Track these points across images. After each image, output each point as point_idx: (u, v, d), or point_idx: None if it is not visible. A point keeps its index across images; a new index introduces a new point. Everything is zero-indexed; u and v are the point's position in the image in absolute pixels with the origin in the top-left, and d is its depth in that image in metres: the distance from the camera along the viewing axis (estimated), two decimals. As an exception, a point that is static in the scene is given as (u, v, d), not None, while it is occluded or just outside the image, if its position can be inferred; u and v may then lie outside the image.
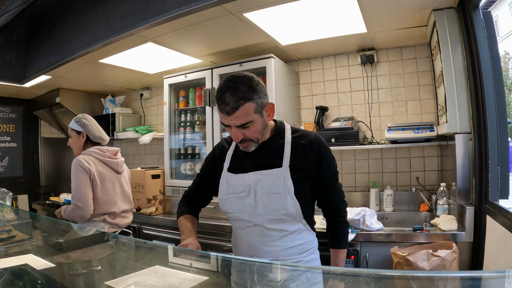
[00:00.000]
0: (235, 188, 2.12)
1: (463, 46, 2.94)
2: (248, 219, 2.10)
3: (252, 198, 2.07)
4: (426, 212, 3.65)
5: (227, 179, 2.16)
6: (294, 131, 2.19)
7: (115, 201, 3.28)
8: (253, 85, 1.91)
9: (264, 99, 1.97)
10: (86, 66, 4.44)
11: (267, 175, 2.05)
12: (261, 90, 1.94)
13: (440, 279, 1.06)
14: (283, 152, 2.08)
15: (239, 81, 1.90)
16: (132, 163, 6.24)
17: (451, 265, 2.62)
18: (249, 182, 2.07)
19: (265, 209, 2.04)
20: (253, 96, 1.89)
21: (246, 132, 1.97)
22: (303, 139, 2.12)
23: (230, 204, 2.14)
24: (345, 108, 4.25)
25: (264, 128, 2.03)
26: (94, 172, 3.11)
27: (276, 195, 2.02)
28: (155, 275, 1.48)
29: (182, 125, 4.70)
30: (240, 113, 1.88)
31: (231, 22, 3.24)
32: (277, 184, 2.02)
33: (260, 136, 2.04)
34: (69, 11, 3.84)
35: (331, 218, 2.27)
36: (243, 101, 1.86)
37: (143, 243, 1.76)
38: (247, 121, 1.91)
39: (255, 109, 1.91)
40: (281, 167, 2.04)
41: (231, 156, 2.22)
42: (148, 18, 3.01)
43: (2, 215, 2.93)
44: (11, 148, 6.38)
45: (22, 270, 1.59)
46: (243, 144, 2.04)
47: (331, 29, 3.50)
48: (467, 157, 2.95)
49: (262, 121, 1.99)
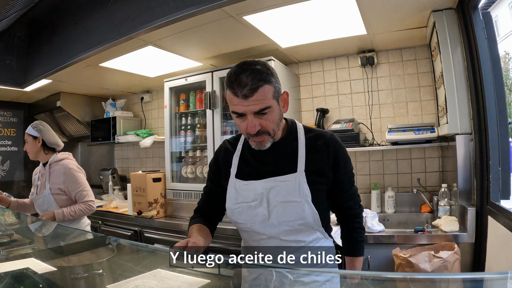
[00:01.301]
0: (245, 196, 1.91)
1: (463, 47, 2.94)
2: (261, 231, 1.90)
3: (264, 207, 1.87)
4: (427, 213, 3.64)
5: (235, 187, 1.95)
6: (307, 130, 1.98)
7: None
8: (270, 68, 1.73)
9: (280, 86, 1.78)
10: (87, 70, 4.44)
11: (281, 181, 1.86)
12: (276, 76, 1.76)
13: (442, 281, 1.05)
14: (297, 154, 1.88)
15: (255, 63, 1.71)
16: (133, 167, 6.25)
17: (453, 266, 2.62)
18: (261, 191, 1.87)
19: (280, 220, 1.85)
20: (271, 79, 1.70)
21: (263, 122, 1.74)
22: (319, 140, 1.92)
23: (240, 214, 1.93)
24: (346, 110, 4.25)
25: (280, 119, 1.82)
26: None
27: (291, 204, 1.83)
28: (155, 279, 1.48)
29: (183, 128, 4.70)
30: (260, 95, 1.67)
31: (231, 25, 3.24)
32: (292, 192, 1.83)
33: (277, 128, 1.82)
34: (69, 15, 3.85)
35: (347, 224, 2.08)
36: (262, 82, 1.66)
37: (144, 247, 1.75)
38: (266, 106, 1.69)
39: (273, 94, 1.71)
40: (296, 172, 1.85)
41: (238, 160, 1.99)
42: (148, 21, 3.01)
43: (3, 219, 2.93)
44: (12, 152, 6.39)
45: (24, 274, 1.59)
46: (259, 138, 1.79)
47: (331, 31, 3.50)
48: (468, 158, 2.95)
49: (279, 110, 1.79)
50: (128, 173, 6.12)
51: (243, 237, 2.05)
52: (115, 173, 5.98)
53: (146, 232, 4.37)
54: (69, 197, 3.35)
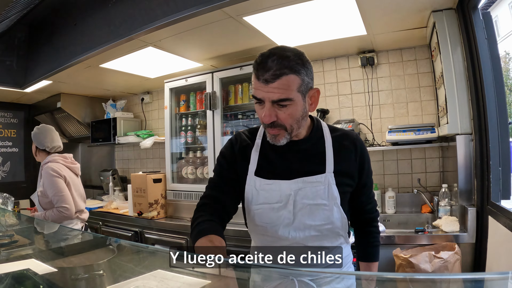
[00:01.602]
0: (267, 197, 1.74)
1: (463, 47, 2.94)
2: (285, 235, 1.73)
3: (289, 210, 1.70)
4: (428, 213, 3.64)
5: (255, 186, 1.76)
6: (332, 129, 1.84)
7: (80, 200, 3.67)
8: (304, 59, 1.56)
9: (311, 81, 1.61)
10: (87, 71, 4.45)
11: (310, 182, 1.70)
12: (310, 69, 1.59)
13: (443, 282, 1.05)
14: (324, 154, 1.74)
15: (288, 49, 1.56)
16: (133, 168, 6.25)
17: (453, 266, 2.62)
18: (289, 192, 1.70)
19: (305, 223, 1.71)
20: (300, 70, 1.54)
21: (281, 114, 1.58)
22: (345, 140, 1.79)
23: (262, 216, 1.75)
24: (346, 111, 4.25)
25: (302, 117, 1.64)
26: (67, 177, 3.50)
27: (319, 207, 1.70)
28: (156, 280, 1.48)
29: (183, 129, 4.71)
30: (281, 83, 1.51)
31: (231, 26, 3.24)
32: (321, 194, 1.70)
33: (296, 126, 1.64)
34: (69, 16, 3.85)
35: (364, 229, 1.98)
36: (288, 70, 1.51)
37: (145, 248, 1.75)
38: (287, 97, 1.53)
39: (299, 87, 1.55)
40: (325, 173, 1.71)
41: (257, 156, 1.80)
42: (148, 22, 3.02)
43: (4, 220, 2.94)
44: (12, 153, 6.39)
45: (24, 275, 1.59)
46: (273, 131, 1.63)
47: (331, 31, 3.50)
48: (468, 158, 2.95)
49: (303, 106, 1.61)
50: (128, 174, 6.13)
51: (258, 240, 1.86)
52: (116, 174, 5.98)
53: (146, 233, 4.37)
54: (50, 200, 3.41)
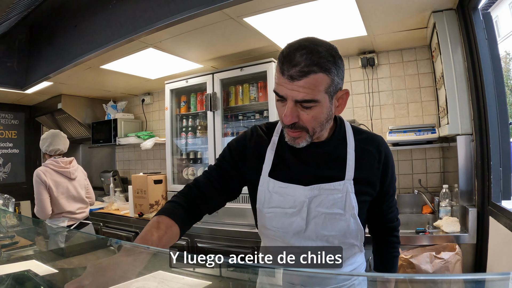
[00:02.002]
0: (280, 201, 1.61)
1: (463, 48, 2.94)
2: (295, 243, 1.61)
3: (303, 217, 1.57)
4: (428, 214, 3.64)
5: (268, 187, 1.63)
6: (356, 131, 1.67)
7: (71, 202, 3.98)
8: (336, 56, 1.40)
9: (341, 81, 1.45)
10: (88, 72, 4.45)
11: (327, 190, 1.56)
12: (341, 67, 1.43)
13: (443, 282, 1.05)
14: (345, 159, 1.59)
15: (320, 44, 1.38)
16: (134, 169, 6.25)
17: (454, 267, 2.61)
18: (303, 198, 1.56)
19: (318, 233, 1.58)
20: (331, 69, 1.37)
21: (304, 116, 1.42)
22: (369, 144, 1.63)
23: (272, 220, 1.64)
24: (347, 111, 4.24)
25: (327, 120, 1.48)
26: (49, 182, 3.82)
27: (334, 216, 1.56)
28: (156, 281, 1.48)
29: (184, 130, 4.71)
30: (308, 82, 1.34)
31: (231, 27, 3.24)
32: (337, 203, 1.56)
33: (319, 129, 1.49)
34: (70, 17, 3.85)
35: (383, 238, 1.84)
36: (318, 68, 1.34)
37: (145, 249, 1.75)
38: (312, 98, 1.37)
39: (327, 88, 1.39)
40: (344, 180, 1.56)
41: (273, 155, 1.65)
42: (148, 24, 3.02)
43: (4, 221, 2.94)
44: (13, 154, 6.40)
45: (25, 276, 1.59)
46: (293, 133, 1.48)
47: (331, 32, 3.50)
48: (469, 159, 2.95)
49: (329, 108, 1.45)
50: (129, 175, 6.13)
51: (267, 245, 1.76)
52: (116, 175, 5.98)
53: (147, 234, 4.37)
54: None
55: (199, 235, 3.87)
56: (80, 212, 4.06)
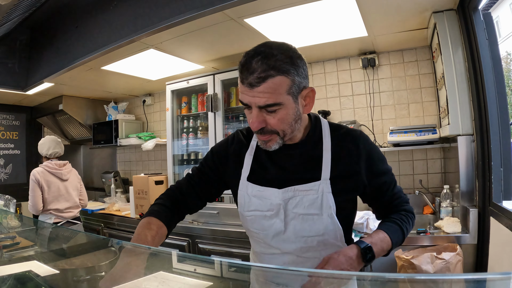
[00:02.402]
0: (259, 204, 1.63)
1: (464, 48, 2.94)
2: (275, 245, 1.63)
3: (281, 219, 1.58)
4: (429, 214, 3.64)
5: (247, 191, 1.65)
6: (333, 128, 1.65)
7: (59, 200, 4.42)
8: (293, 56, 1.40)
9: (304, 80, 1.44)
10: (89, 73, 4.46)
11: (302, 191, 1.56)
12: (302, 67, 1.42)
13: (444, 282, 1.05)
14: (321, 159, 1.58)
15: (276, 47, 1.39)
16: (135, 170, 6.26)
17: (455, 267, 2.61)
18: (279, 201, 1.58)
19: (297, 234, 1.58)
20: (289, 70, 1.37)
21: (271, 120, 1.43)
22: (347, 141, 1.61)
23: (253, 222, 1.66)
24: (347, 112, 4.25)
25: (296, 120, 1.48)
26: (42, 181, 4.33)
27: (312, 217, 1.55)
28: (157, 281, 1.48)
29: (185, 131, 4.71)
30: (267, 87, 1.35)
31: (232, 28, 3.25)
32: (313, 203, 1.55)
33: (289, 130, 1.49)
34: (71, 18, 3.86)
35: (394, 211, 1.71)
36: (275, 71, 1.34)
37: (146, 249, 1.75)
38: (275, 102, 1.38)
39: (289, 89, 1.39)
40: (319, 181, 1.55)
41: (251, 160, 1.68)
42: (149, 25, 3.02)
43: (6, 222, 2.94)
44: (14, 155, 6.41)
45: (26, 277, 1.59)
46: (263, 137, 1.50)
47: (332, 33, 3.50)
48: (470, 159, 2.95)
49: (295, 109, 1.45)
50: (130, 176, 6.14)
51: (253, 246, 1.79)
52: (117, 176, 5.99)
53: (148, 234, 4.36)
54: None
55: (200, 236, 3.87)
56: (68, 211, 4.49)
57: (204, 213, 4.00)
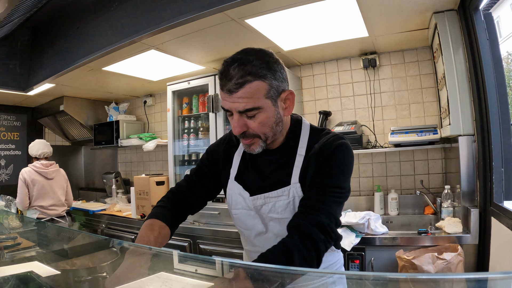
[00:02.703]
0: (243, 204, 1.68)
1: (464, 48, 2.94)
2: (257, 243, 1.69)
3: (260, 221, 1.65)
4: (431, 215, 3.64)
5: (234, 190, 1.71)
6: (313, 132, 1.66)
7: (44, 197, 4.79)
8: (270, 61, 1.44)
9: (282, 83, 1.48)
10: (90, 74, 4.47)
11: (272, 197, 1.59)
12: (279, 71, 1.47)
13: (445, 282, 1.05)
14: (293, 164, 1.58)
15: (252, 53, 1.44)
16: (136, 170, 6.27)
17: (456, 268, 2.61)
18: (252, 207, 1.65)
19: (277, 235, 1.58)
20: (266, 74, 1.42)
21: (251, 124, 1.48)
22: (318, 143, 1.58)
23: (238, 220, 1.74)
24: (348, 113, 4.25)
25: (277, 123, 1.52)
26: (28, 179, 4.73)
27: (288, 220, 1.48)
28: (159, 281, 1.48)
29: (186, 132, 4.71)
30: (245, 92, 1.40)
31: (233, 28, 3.25)
32: (286, 209, 1.57)
33: (270, 133, 1.52)
34: (72, 19, 3.87)
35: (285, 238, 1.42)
36: (252, 77, 1.39)
37: (148, 249, 1.75)
38: (254, 106, 1.42)
39: (267, 93, 1.43)
40: (289, 185, 1.56)
41: (239, 161, 1.74)
42: (150, 25, 3.03)
43: (7, 222, 2.94)
44: (15, 156, 6.40)
45: (27, 277, 1.59)
46: (246, 141, 1.54)
47: (332, 33, 3.50)
48: (471, 159, 2.95)
49: (275, 112, 1.49)
50: (131, 176, 6.14)
51: (243, 242, 1.86)
52: (119, 177, 5.99)
53: (149, 235, 4.36)
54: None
55: (202, 237, 3.87)
56: (52, 209, 4.84)
57: (205, 213, 4.00)
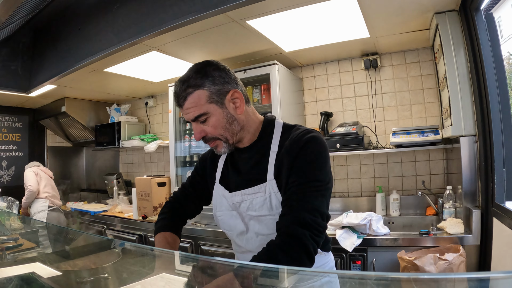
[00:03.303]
0: (226, 205, 1.77)
1: (466, 49, 2.94)
2: (240, 243, 1.76)
3: (240, 220, 1.72)
4: (432, 215, 3.63)
5: (219, 193, 1.81)
6: (286, 129, 1.71)
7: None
8: (207, 70, 1.58)
9: (224, 86, 1.59)
10: (91, 75, 4.47)
11: (249, 194, 1.66)
12: (218, 76, 1.59)
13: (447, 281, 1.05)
14: (268, 160, 1.64)
15: (192, 69, 1.61)
16: (137, 171, 6.27)
17: (458, 268, 2.61)
18: (231, 204, 1.73)
19: (258, 233, 1.66)
20: (203, 83, 1.56)
21: (206, 128, 1.61)
22: (293, 139, 1.61)
23: (222, 222, 1.81)
24: (350, 113, 4.25)
25: (230, 122, 1.62)
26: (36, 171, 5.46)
27: (266, 218, 1.61)
28: (161, 282, 1.48)
29: (188, 133, 4.71)
30: (190, 103, 1.57)
31: (234, 30, 3.25)
32: (263, 205, 1.61)
33: (228, 133, 1.64)
34: (74, 20, 3.87)
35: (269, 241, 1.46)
36: (192, 89, 1.55)
37: (150, 250, 1.76)
38: (200, 113, 1.57)
39: (209, 98, 1.56)
40: (265, 182, 1.62)
41: (222, 165, 1.86)
42: (152, 27, 3.03)
43: (9, 223, 2.95)
44: (17, 157, 6.41)
45: (29, 278, 1.60)
46: (210, 144, 1.69)
47: (334, 34, 3.51)
48: (472, 160, 2.94)
49: (224, 113, 1.60)
50: (133, 177, 6.15)
51: (232, 245, 1.93)
52: (120, 178, 6.00)
53: (151, 236, 4.37)
54: None
55: (203, 238, 3.87)
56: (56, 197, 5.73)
57: (206, 215, 3.99)
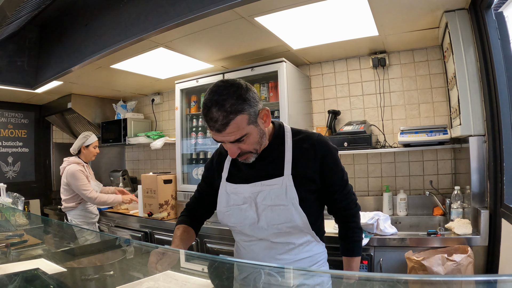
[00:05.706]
0: (235, 199, 1.97)
1: (475, 48, 2.91)
2: (251, 233, 1.97)
3: (254, 211, 1.91)
4: (440, 216, 3.61)
5: (226, 190, 2.02)
6: (295, 133, 2.00)
7: None
8: (242, 94, 1.70)
9: (257, 107, 1.75)
10: (98, 72, 4.47)
11: (267, 185, 1.90)
12: (252, 98, 1.73)
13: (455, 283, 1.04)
14: (284, 158, 1.91)
15: (225, 92, 1.68)
16: (143, 168, 6.28)
17: (466, 269, 2.58)
18: (249, 194, 1.93)
19: (269, 223, 1.89)
20: (243, 108, 1.68)
21: (242, 146, 1.78)
22: (305, 142, 1.94)
23: (231, 217, 1.99)
24: (357, 112, 4.23)
25: (261, 137, 1.83)
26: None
27: (279, 207, 1.87)
28: (166, 280, 1.47)
29: (194, 130, 4.70)
30: (232, 128, 1.68)
31: (242, 26, 3.24)
32: (279, 195, 1.87)
33: (259, 146, 1.85)
34: (80, 16, 3.87)
35: (343, 224, 2.10)
36: (233, 115, 1.65)
37: (154, 248, 1.75)
38: (241, 135, 1.72)
39: (248, 121, 1.72)
40: (283, 176, 1.88)
41: (229, 165, 2.06)
42: (159, 23, 3.02)
43: (14, 219, 2.95)
44: (23, 153, 6.43)
45: (34, 275, 1.59)
46: (242, 158, 1.86)
47: (342, 32, 3.48)
48: (481, 160, 2.91)
49: (259, 130, 1.80)
50: (138, 174, 6.15)
51: (235, 237, 2.13)
52: (126, 175, 6.00)
53: (156, 233, 4.37)
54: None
55: (209, 236, 3.86)
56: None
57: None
